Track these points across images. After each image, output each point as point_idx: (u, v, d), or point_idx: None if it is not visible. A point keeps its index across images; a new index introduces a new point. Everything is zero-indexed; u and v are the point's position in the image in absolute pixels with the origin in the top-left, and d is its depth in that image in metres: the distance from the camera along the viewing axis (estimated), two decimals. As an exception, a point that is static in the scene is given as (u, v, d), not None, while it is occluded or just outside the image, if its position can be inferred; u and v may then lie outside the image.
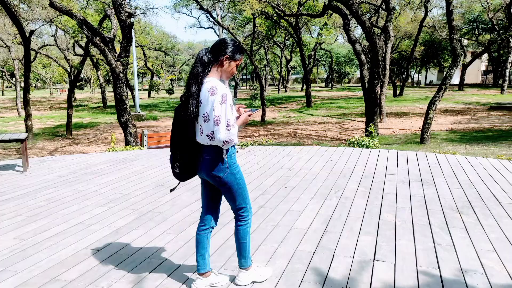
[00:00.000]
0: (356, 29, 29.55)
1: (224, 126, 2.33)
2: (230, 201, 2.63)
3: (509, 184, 5.08)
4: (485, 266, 2.94)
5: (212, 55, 2.45)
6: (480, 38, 37.16)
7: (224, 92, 2.35)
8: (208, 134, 2.41)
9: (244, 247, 2.66)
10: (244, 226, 2.65)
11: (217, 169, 2.48)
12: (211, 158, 2.47)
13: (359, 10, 13.14)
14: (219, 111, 2.33)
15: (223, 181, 2.51)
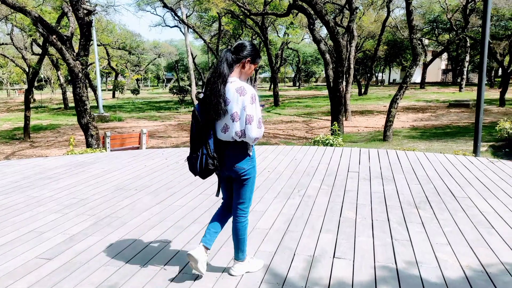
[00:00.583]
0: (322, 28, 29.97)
1: (256, 125, 2.47)
2: (238, 194, 2.72)
3: (464, 178, 5.27)
4: (439, 259, 3.02)
5: (235, 56, 2.55)
6: (440, 38, 38.60)
7: (253, 93, 2.48)
8: (237, 132, 2.50)
9: (242, 242, 2.78)
10: (244, 223, 2.76)
11: (242, 162, 2.60)
12: (236, 153, 2.58)
13: (323, 10, 13.30)
14: (250, 111, 2.46)
15: (245, 172, 2.63)
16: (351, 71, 21.31)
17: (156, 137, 15.60)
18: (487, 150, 9.35)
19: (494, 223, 3.70)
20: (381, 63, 49.11)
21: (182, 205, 4.40)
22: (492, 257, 3.04)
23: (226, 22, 27.34)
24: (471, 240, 3.36)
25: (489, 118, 15.87)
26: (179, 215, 4.10)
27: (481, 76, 6.92)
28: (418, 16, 34.92)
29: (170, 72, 67.13)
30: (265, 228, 3.72)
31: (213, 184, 5.21)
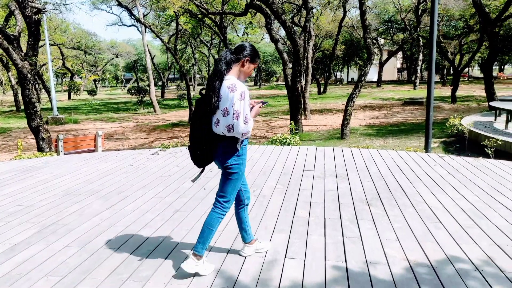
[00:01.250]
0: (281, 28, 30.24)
1: (243, 121, 2.62)
2: (221, 187, 2.87)
3: (414, 174, 5.44)
4: (388, 255, 3.08)
5: (234, 55, 2.72)
6: (394, 38, 39.99)
7: (243, 90, 2.63)
8: (226, 126, 2.67)
9: (208, 234, 2.84)
10: (219, 215, 2.85)
11: (229, 156, 2.75)
12: (227, 146, 2.74)
13: (279, 10, 13.38)
14: (238, 107, 2.60)
15: (229, 166, 2.77)
16: (309, 71, 21.63)
17: (114, 139, 15.12)
18: (439, 146, 9.74)
19: (441, 218, 3.83)
20: (339, 62, 50.27)
21: (134, 209, 4.25)
22: (438, 251, 3.13)
23: (184, 21, 26.91)
24: (419, 235, 3.45)
25: (442, 114, 16.58)
26: (130, 220, 3.95)
27: (431, 75, 7.19)
28: (373, 16, 36.00)
29: (129, 73, 65.41)
30: (218, 230, 3.65)
31: (167, 187, 5.08)
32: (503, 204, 4.18)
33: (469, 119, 11.34)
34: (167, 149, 7.78)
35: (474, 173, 5.42)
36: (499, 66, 53.18)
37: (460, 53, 26.98)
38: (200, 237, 2.84)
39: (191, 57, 47.03)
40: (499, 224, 3.64)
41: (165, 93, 41.37)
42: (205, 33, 37.47)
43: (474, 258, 3.01)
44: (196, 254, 2.82)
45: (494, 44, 16.48)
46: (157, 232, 3.64)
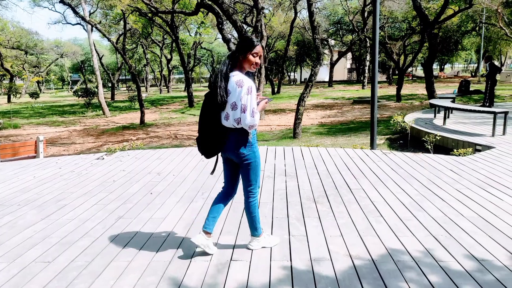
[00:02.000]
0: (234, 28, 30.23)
1: (249, 113, 2.77)
2: (245, 177, 3.05)
3: (359, 171, 5.59)
4: (331, 252, 3.12)
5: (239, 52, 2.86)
6: (344, 39, 41.22)
7: (250, 85, 2.80)
8: (235, 119, 2.84)
9: (255, 219, 3.13)
10: (254, 202, 3.11)
11: (244, 148, 2.91)
12: (238, 139, 2.89)
13: (230, 9, 13.34)
14: (245, 101, 2.76)
15: (246, 157, 2.94)
16: (262, 71, 21.73)
17: (58, 144, 14.34)
18: (384, 143, 10.12)
19: (382, 212, 3.95)
20: (292, 63, 51.07)
21: (72, 218, 4.02)
22: (378, 244, 3.22)
23: (134, 20, 26.14)
24: (361, 229, 3.53)
25: (387, 112, 17.26)
26: (67, 230, 3.72)
27: (374, 75, 7.44)
28: (323, 18, 36.92)
29: (77, 74, 62.59)
30: (163, 236, 3.54)
31: (110, 193, 4.87)
32: (439, 196, 4.39)
33: (411, 116, 11.89)
34: (114, 153, 7.49)
35: (414, 167, 5.67)
36: (440, 66, 56.38)
37: (404, 53, 28.27)
38: (250, 224, 3.16)
39: (143, 57, 45.75)
40: (435, 215, 3.81)
41: (116, 95, 39.91)
42: (157, 32, 36.63)
43: (412, 249, 3.12)
44: (255, 236, 3.18)
45: (434, 45, 17.42)
46: (96, 241, 3.46)
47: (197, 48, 43.93)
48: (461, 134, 8.20)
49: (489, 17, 31.47)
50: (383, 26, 29.09)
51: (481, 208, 3.99)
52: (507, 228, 3.47)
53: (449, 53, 40.81)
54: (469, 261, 2.92)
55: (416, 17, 23.21)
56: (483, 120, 10.15)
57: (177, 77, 70.54)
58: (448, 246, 3.16)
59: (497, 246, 3.14)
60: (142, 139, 15.00)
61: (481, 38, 35.91)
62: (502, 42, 37.47)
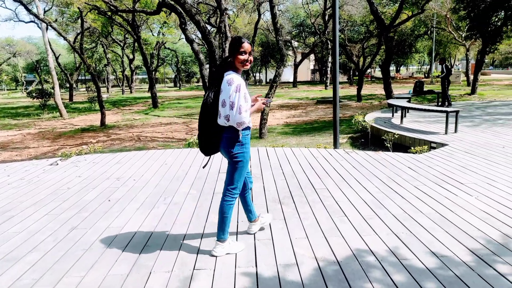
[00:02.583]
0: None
1: (236, 110, 2.86)
2: (229, 175, 3.13)
3: (324, 170, 5.62)
4: (297, 255, 3.08)
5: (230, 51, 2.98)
6: (307, 41, 41.82)
7: (238, 83, 2.89)
8: (225, 116, 2.94)
9: (225, 221, 3.12)
10: (229, 203, 3.12)
11: (232, 146, 3.00)
12: (230, 136, 3.00)
13: (192, 9, 13.14)
14: (233, 98, 2.87)
15: (234, 155, 3.02)
16: (227, 71, 21.65)
17: (10, 149, 13.57)
18: (347, 142, 10.29)
19: (346, 211, 3.97)
20: (257, 64, 51.23)
21: (20, 231, 3.76)
22: (343, 245, 3.22)
23: (93, 18, 25.24)
24: (326, 230, 3.52)
25: (349, 112, 17.63)
26: (13, 244, 3.46)
27: (335, 76, 7.52)
28: (286, 20, 37.29)
29: (32, 74, 59.76)
30: (121, 246, 3.37)
31: (64, 202, 4.62)
32: (399, 193, 4.49)
33: (371, 115, 12.18)
34: (69, 157, 7.15)
35: (375, 166, 5.77)
36: (396, 67, 58.41)
37: (363, 55, 29.08)
38: (219, 226, 3.13)
39: (103, 57, 44.33)
40: (395, 213, 3.88)
41: (75, 96, 38.44)
42: (118, 32, 35.60)
43: (375, 249, 3.14)
44: (220, 240, 3.13)
45: (390, 48, 18.02)
46: (47, 255, 3.24)
47: (161, 48, 43.21)
48: (417, 133, 8.47)
49: (439, 22, 33.00)
50: (343, 29, 29.77)
51: (438, 204, 4.11)
52: (463, 223, 3.58)
53: (404, 56, 42.38)
54: (430, 258, 2.98)
55: (373, 21, 23.90)
56: (436, 118, 10.56)
57: (140, 77, 68.93)
58: (409, 244, 3.21)
59: (454, 242, 3.23)
60: (103, 142, 14.49)
61: (432, 42, 37.60)
62: (451, 45, 39.39)
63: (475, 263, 2.88)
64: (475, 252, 3.04)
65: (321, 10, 29.92)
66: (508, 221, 3.61)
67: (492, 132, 8.32)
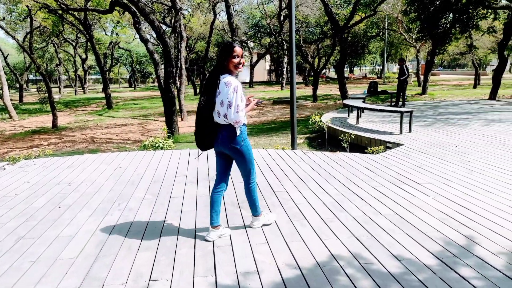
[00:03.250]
0: (151, 28, 29.11)
1: (234, 110, 3.14)
2: (242, 167, 3.42)
3: (282, 172, 5.62)
4: (258, 261, 3.01)
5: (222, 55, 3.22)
6: (262, 41, 42.06)
7: (236, 85, 3.17)
8: (224, 115, 3.20)
9: (255, 201, 3.54)
10: (253, 186, 3.50)
11: (235, 142, 3.28)
12: (229, 134, 3.25)
13: (146, 8, 12.79)
14: (231, 98, 3.14)
15: (239, 151, 3.32)
16: (183, 72, 21.29)
17: (-51, 154, 12.53)
18: (304, 142, 10.41)
19: (306, 214, 3.96)
20: (214, 64, 50.81)
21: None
22: (304, 250, 3.18)
23: (43, 17, 23.92)
24: (286, 234, 3.49)
25: (305, 112, 17.88)
26: (-49, 260, 3.16)
27: (292, 77, 7.56)
28: (242, 20, 37.30)
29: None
30: (71, 257, 3.16)
31: (10, 210, 4.28)
32: (357, 194, 4.55)
33: (328, 116, 12.40)
34: (17, 162, 6.69)
35: (333, 166, 5.84)
36: (350, 68, 60.23)
37: (318, 56, 29.65)
38: (251, 206, 3.56)
39: (55, 56, 42.29)
40: (355, 215, 3.91)
41: (25, 97, 36.35)
42: (69, 31, 34.11)
43: (337, 253, 3.12)
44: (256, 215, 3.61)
45: (344, 49, 18.51)
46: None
47: (115, 48, 42.02)
48: (373, 133, 8.71)
49: (391, 23, 34.40)
50: (298, 30, 30.19)
51: (396, 205, 4.18)
52: (421, 224, 3.65)
53: (357, 56, 43.77)
54: (392, 261, 2.96)
55: (327, 22, 24.43)
56: (391, 118, 10.92)
57: (94, 77, 66.34)
58: (370, 247, 3.21)
59: (414, 244, 3.25)
60: (55, 144, 13.78)
61: (384, 43, 39.13)
62: (402, 47, 41.18)
63: (437, 266, 2.88)
64: (436, 255, 3.04)
65: (276, 11, 30.20)
66: (465, 221, 3.70)
67: (445, 132, 8.71)
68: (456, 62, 62.63)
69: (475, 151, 6.68)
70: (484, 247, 3.17)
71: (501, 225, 3.59)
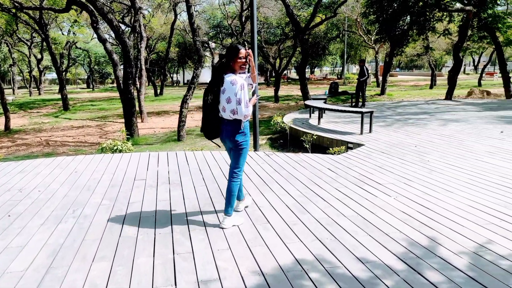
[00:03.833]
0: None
1: (244, 105, 3.45)
2: (235, 160, 3.68)
3: (244, 174, 5.53)
4: (220, 269, 2.91)
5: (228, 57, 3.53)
6: (224, 42, 41.86)
7: (242, 83, 3.46)
8: (231, 111, 3.48)
9: (232, 198, 3.68)
10: (236, 183, 3.68)
11: (238, 135, 3.57)
12: (233, 128, 3.56)
13: (104, 8, 12.35)
14: (239, 95, 3.42)
15: (239, 144, 3.60)
16: (143, 72, 20.79)
17: None
18: (266, 143, 10.41)
19: (269, 217, 3.91)
20: (175, 65, 50.12)
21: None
22: (267, 255, 3.11)
23: (-4, 16, 22.58)
24: (249, 239, 3.41)
25: (267, 113, 17.95)
26: None
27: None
28: (203, 21, 36.96)
29: None
30: (20, 270, 2.94)
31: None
32: (320, 196, 4.55)
33: (289, 116, 12.47)
34: (-42, 169, 6.21)
35: (295, 168, 5.84)
36: (311, 69, 61.21)
37: (279, 57, 29.89)
38: (227, 202, 3.68)
39: (9, 56, 40.13)
40: (318, 217, 3.90)
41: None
42: (24, 30, 32.50)
43: (301, 257, 3.07)
44: (228, 215, 3.67)
45: (305, 50, 18.76)
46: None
47: (72, 48, 40.50)
48: (334, 133, 8.84)
49: (351, 25, 35.31)
50: (260, 31, 30.32)
51: (359, 206, 4.20)
52: (384, 225, 3.68)
53: (318, 57, 44.57)
54: (356, 264, 2.94)
55: (289, 23, 24.70)
56: (352, 119, 11.13)
57: (50, 78, 63.45)
58: (334, 250, 3.18)
59: (377, 245, 3.25)
60: (7, 148, 13.05)
61: (344, 44, 40.10)
62: (362, 48, 42.43)
63: (402, 268, 2.87)
64: (400, 257, 3.04)
65: (238, 11, 30.15)
66: (426, 221, 3.76)
67: (404, 132, 8.96)
68: (413, 63, 65.27)
69: (434, 150, 6.91)
70: (446, 248, 3.22)
71: (461, 224, 3.69)
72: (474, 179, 5.14)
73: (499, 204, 4.20)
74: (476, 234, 3.47)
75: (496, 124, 9.77)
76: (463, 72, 54.75)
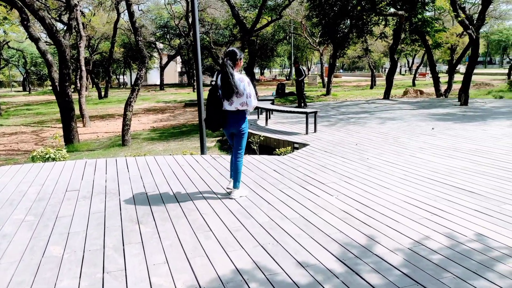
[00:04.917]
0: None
1: (254, 98, 4.28)
2: (238, 143, 4.43)
3: (189, 180, 5.29)
4: (153, 285, 2.64)
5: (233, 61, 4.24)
6: (172, 42, 41.02)
7: (248, 80, 4.27)
8: (241, 104, 4.23)
9: (239, 174, 4.44)
10: (241, 161, 4.45)
11: (243, 125, 4.36)
12: (239, 117, 4.29)
13: (35, 4, 11.48)
14: (249, 90, 4.22)
15: (243, 130, 4.36)
16: (83, 74, 19.75)
17: None
18: (215, 145, 10.18)
19: (211, 225, 3.69)
20: (120, 66, 48.34)
21: None
22: (207, 266, 2.90)
23: None
24: (189, 250, 3.18)
25: (218, 115, 17.72)
26: None
27: (199, 79, 7.27)
28: (149, 21, 35.95)
29: None
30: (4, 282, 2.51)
31: None
32: (265, 199, 4.40)
33: (239, 118, 12.32)
34: None
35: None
36: (260, 70, 61.71)
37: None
38: (235, 178, 4.44)
39: None
40: (262, 221, 3.74)
41: None
42: None
43: (242, 265, 2.90)
44: (237, 188, 4.43)
45: (252, 51, 18.76)
46: None
47: (4, 48, 37.66)
48: (281, 134, 8.80)
49: (296, 28, 35.93)
50: (208, 32, 30.00)
51: (302, 207, 4.11)
52: (325, 226, 3.61)
53: (266, 59, 45.02)
54: (296, 269, 2.82)
55: (236, 25, 24.60)
56: (298, 119, 11.19)
57: (-20, 80, 58.81)
58: (276, 255, 3.04)
59: (319, 248, 3.16)
60: None
61: (291, 46, 40.75)
62: (308, 50, 43.36)
63: (340, 270, 2.81)
64: (339, 257, 2.98)
65: (184, 12, 29.60)
66: (365, 219, 3.75)
67: (346, 131, 9.11)
68: (355, 65, 67.95)
69: (372, 148, 7.04)
70: (382, 245, 3.21)
71: (396, 220, 3.71)
72: (407, 174, 5.28)
73: (429, 198, 4.32)
74: (410, 229, 3.50)
75: (428, 122, 10.24)
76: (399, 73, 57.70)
